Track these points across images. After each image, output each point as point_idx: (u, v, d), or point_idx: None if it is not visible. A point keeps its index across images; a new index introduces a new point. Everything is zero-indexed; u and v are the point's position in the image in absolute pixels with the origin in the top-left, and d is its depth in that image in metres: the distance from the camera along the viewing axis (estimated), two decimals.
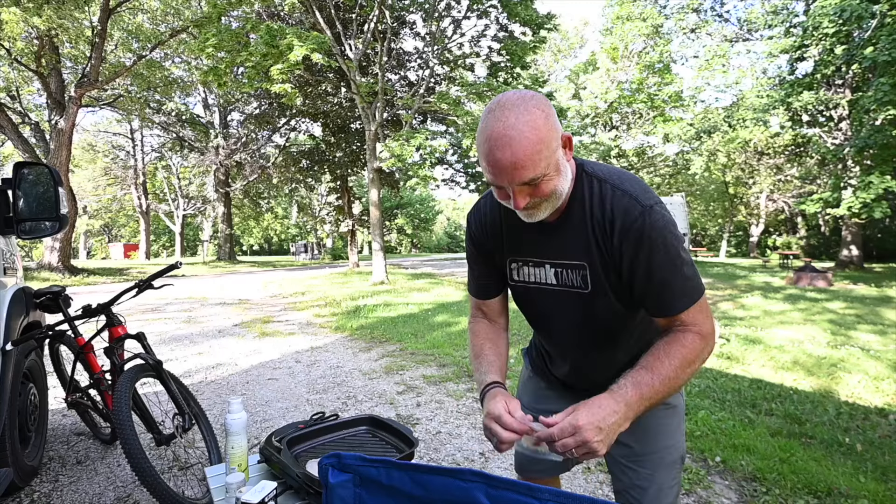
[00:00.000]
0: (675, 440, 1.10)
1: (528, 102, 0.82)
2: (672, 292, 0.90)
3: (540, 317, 1.12)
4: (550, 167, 0.84)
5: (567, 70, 32.75)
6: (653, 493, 1.08)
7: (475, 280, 1.17)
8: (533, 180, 0.83)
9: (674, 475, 1.10)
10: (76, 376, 2.55)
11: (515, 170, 0.81)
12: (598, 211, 0.92)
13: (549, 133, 0.82)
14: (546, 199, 0.88)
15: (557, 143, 0.85)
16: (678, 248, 0.89)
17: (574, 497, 0.66)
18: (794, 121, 16.22)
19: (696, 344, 0.88)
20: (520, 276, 1.07)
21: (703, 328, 0.90)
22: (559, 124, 0.86)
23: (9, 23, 11.18)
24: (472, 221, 1.13)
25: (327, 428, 1.42)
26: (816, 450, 2.62)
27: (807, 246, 26.89)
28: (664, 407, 1.08)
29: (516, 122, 0.80)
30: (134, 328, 2.33)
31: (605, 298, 0.96)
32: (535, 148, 0.80)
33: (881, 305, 8.03)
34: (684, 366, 0.87)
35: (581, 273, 0.97)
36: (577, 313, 1.01)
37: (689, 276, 0.90)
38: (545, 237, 1.00)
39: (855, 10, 11.12)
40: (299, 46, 9.41)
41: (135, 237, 40.56)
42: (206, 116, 25.51)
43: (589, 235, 0.93)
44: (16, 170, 2.14)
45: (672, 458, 1.10)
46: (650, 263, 0.89)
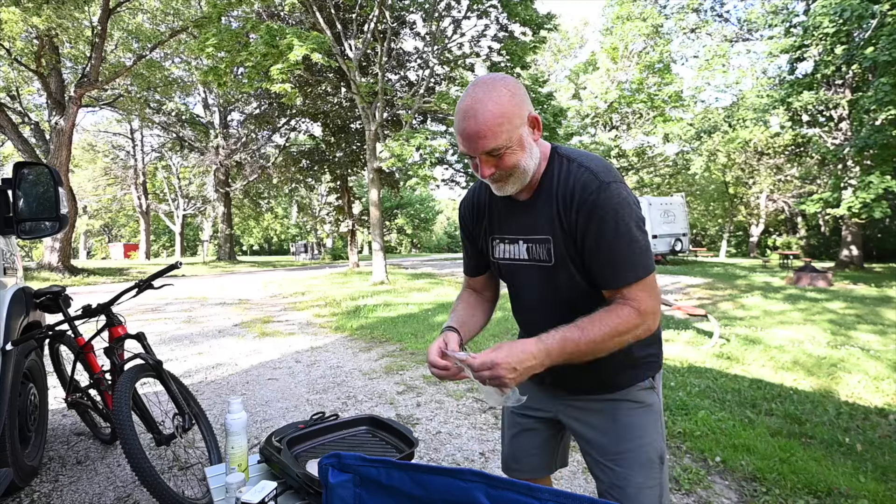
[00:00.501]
0: (650, 438, 1.10)
1: (497, 82, 0.93)
2: (617, 265, 0.95)
3: (515, 292, 1.18)
4: (513, 141, 0.93)
5: (567, 70, 32.75)
6: (631, 492, 1.07)
7: (466, 259, 1.30)
8: (495, 150, 0.93)
9: (653, 475, 1.09)
10: (76, 376, 2.55)
11: (479, 139, 0.92)
12: (563, 186, 1.00)
13: (512, 109, 0.92)
14: (510, 172, 0.97)
15: (522, 121, 0.94)
16: (630, 226, 0.94)
17: (574, 497, 0.66)
18: (794, 121, 16.21)
19: (631, 317, 0.94)
20: (499, 252, 1.15)
21: (641, 305, 0.95)
22: (527, 105, 0.96)
23: (8, 22, 11.19)
24: (463, 205, 1.24)
25: (327, 428, 1.42)
26: (816, 450, 2.62)
27: (807, 246, 26.89)
28: (637, 405, 1.11)
29: (482, 98, 0.91)
30: (134, 328, 2.33)
31: (566, 271, 1.03)
32: (497, 120, 0.91)
33: (881, 305, 8.03)
34: (613, 335, 0.93)
35: (546, 247, 1.04)
36: (544, 287, 1.08)
37: (636, 254, 0.95)
38: (520, 215, 1.08)
39: (855, 9, 11.11)
40: (299, 46, 9.40)
41: (135, 237, 40.56)
42: (206, 116, 25.51)
43: (553, 210, 1.01)
44: (16, 170, 2.14)
45: (647, 456, 1.09)
46: (599, 235, 0.95)
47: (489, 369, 0.90)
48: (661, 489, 1.11)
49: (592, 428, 1.14)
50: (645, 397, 1.12)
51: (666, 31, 22.83)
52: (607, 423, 1.11)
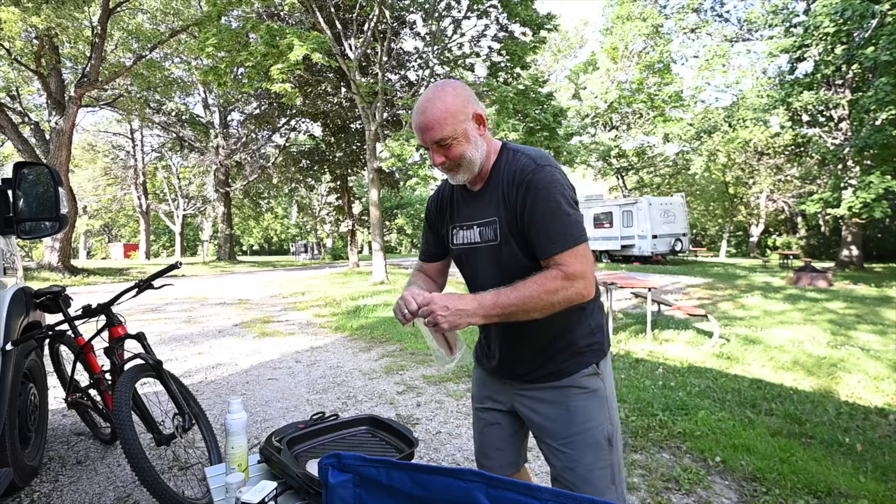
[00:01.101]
0: (597, 422, 1.17)
1: (445, 85, 1.12)
2: (549, 236, 1.07)
3: (471, 276, 1.28)
4: (458, 133, 1.10)
5: (567, 70, 32.75)
6: (582, 473, 1.15)
7: (425, 247, 1.41)
8: (441, 140, 1.10)
9: (602, 456, 1.16)
10: (76, 376, 2.55)
11: (427, 130, 1.10)
12: (509, 171, 1.15)
13: (455, 106, 1.09)
14: (458, 162, 1.13)
15: (466, 117, 1.11)
16: (560, 202, 1.07)
17: (574, 497, 0.66)
18: (794, 121, 16.19)
19: (557, 278, 1.04)
20: (457, 239, 1.28)
21: (569, 268, 1.05)
22: (472, 104, 1.13)
23: (8, 22, 11.19)
24: (430, 199, 1.39)
25: (327, 428, 1.42)
26: (816, 450, 2.62)
27: (807, 246, 26.88)
28: (583, 391, 1.19)
29: (431, 97, 1.10)
30: (134, 328, 2.33)
31: (509, 247, 1.15)
32: (442, 115, 1.08)
33: (881, 305, 8.02)
34: (542, 292, 1.03)
35: (493, 227, 1.17)
36: (492, 266, 1.20)
37: (567, 226, 1.07)
38: (473, 203, 1.23)
39: (856, 9, 11.09)
40: (299, 46, 9.40)
41: (135, 237, 40.56)
42: (206, 116, 25.51)
43: (499, 193, 1.15)
44: (16, 170, 2.14)
45: (595, 438, 1.16)
46: (533, 209, 1.08)
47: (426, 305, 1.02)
48: (612, 469, 1.18)
49: (544, 415, 1.22)
50: (590, 383, 1.19)
51: (666, 31, 22.82)
52: (557, 410, 1.20)
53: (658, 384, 3.71)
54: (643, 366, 4.30)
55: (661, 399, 3.34)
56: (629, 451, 2.62)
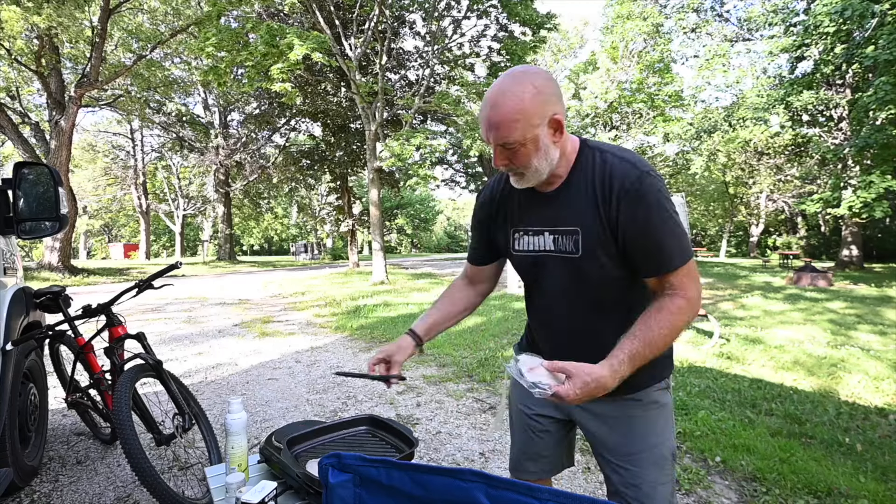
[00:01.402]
0: (664, 437, 1.12)
1: (527, 76, 0.94)
2: (664, 251, 0.97)
3: (536, 284, 1.17)
4: (527, 139, 0.95)
5: (567, 70, 32.71)
6: (646, 489, 1.09)
7: (472, 247, 1.29)
8: (507, 144, 0.95)
9: (666, 472, 1.11)
10: (76, 376, 2.55)
11: (494, 130, 0.95)
12: (600, 176, 0.99)
13: (531, 107, 0.93)
14: (521, 170, 1.00)
15: (541, 121, 0.94)
16: (671, 212, 0.96)
17: (574, 497, 0.66)
18: (794, 120, 16.20)
19: (683, 309, 0.96)
20: (521, 245, 1.14)
21: (689, 292, 0.97)
22: (552, 105, 0.95)
23: (9, 21, 11.19)
24: (481, 195, 1.24)
25: (327, 428, 1.42)
26: (816, 450, 2.62)
27: (807, 246, 26.87)
28: (654, 405, 1.12)
29: (507, 90, 0.93)
30: (134, 328, 2.33)
31: (593, 262, 1.02)
32: (514, 116, 0.92)
33: (881, 305, 8.02)
34: (673, 333, 0.95)
35: (574, 238, 1.03)
36: (567, 278, 1.07)
37: (680, 238, 0.97)
38: (544, 207, 1.08)
39: (856, 9, 11.09)
40: (299, 46, 9.40)
41: (135, 237, 40.56)
42: (206, 116, 25.50)
43: (588, 201, 1.01)
44: (16, 170, 2.14)
45: (661, 454, 1.11)
46: (647, 222, 0.96)
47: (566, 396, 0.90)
48: (672, 484, 1.14)
49: (608, 428, 1.14)
50: (660, 397, 1.13)
51: (666, 31, 22.82)
52: (623, 424, 1.12)
53: None
54: None
55: None
56: None
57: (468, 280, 1.34)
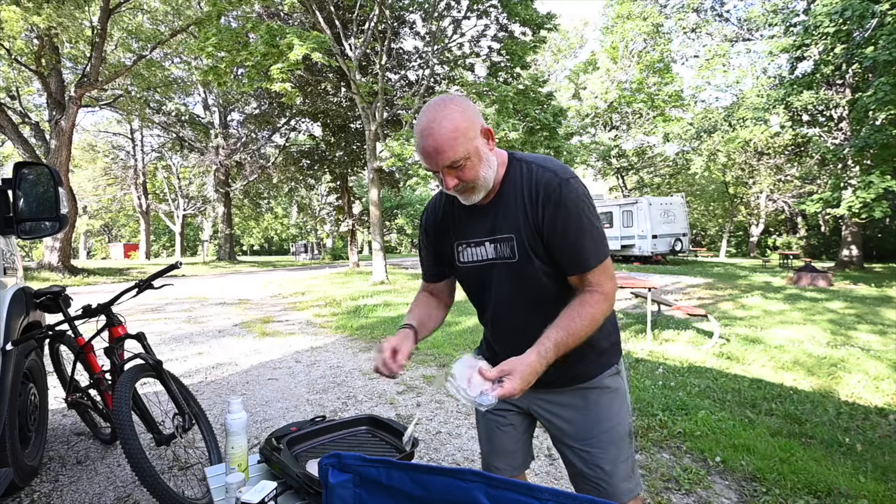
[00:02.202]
0: (620, 419, 1.20)
1: (447, 101, 1.03)
2: (582, 251, 1.06)
3: (481, 292, 1.24)
4: (470, 152, 1.02)
5: (567, 70, 32.73)
6: (608, 468, 1.17)
7: (426, 265, 1.35)
8: (454, 163, 1.02)
9: (624, 450, 1.19)
10: (76, 376, 2.55)
11: (438, 154, 1.01)
12: (527, 187, 1.09)
13: (464, 124, 1.01)
14: (472, 183, 1.06)
15: (475, 133, 1.03)
16: (589, 216, 1.06)
17: (574, 497, 0.66)
18: (794, 120, 16.20)
19: (601, 304, 1.06)
20: (464, 257, 1.22)
21: (605, 288, 1.07)
22: (478, 119, 1.05)
23: (8, 21, 11.18)
24: (426, 214, 1.32)
25: (327, 428, 1.42)
26: (816, 450, 2.62)
27: (807, 246, 26.88)
28: (606, 390, 1.20)
29: (436, 116, 1.01)
30: (134, 328, 2.33)
31: (529, 265, 1.10)
32: (451, 135, 0.99)
33: (881, 305, 8.02)
34: (591, 324, 1.04)
35: (510, 244, 1.11)
36: (510, 283, 1.15)
37: (597, 240, 1.07)
38: (482, 218, 1.16)
39: (856, 9, 11.08)
40: (299, 46, 9.40)
41: (135, 237, 40.56)
42: (206, 116, 25.50)
43: (518, 209, 1.09)
44: (16, 170, 2.14)
45: (619, 434, 1.19)
46: (565, 225, 1.05)
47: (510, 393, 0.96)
48: (632, 459, 1.22)
49: (565, 418, 1.22)
50: (612, 382, 1.21)
51: (666, 31, 22.82)
52: (581, 411, 1.20)
53: (658, 384, 3.71)
54: (643, 366, 4.30)
55: (661, 399, 3.34)
56: None
57: (429, 293, 1.38)
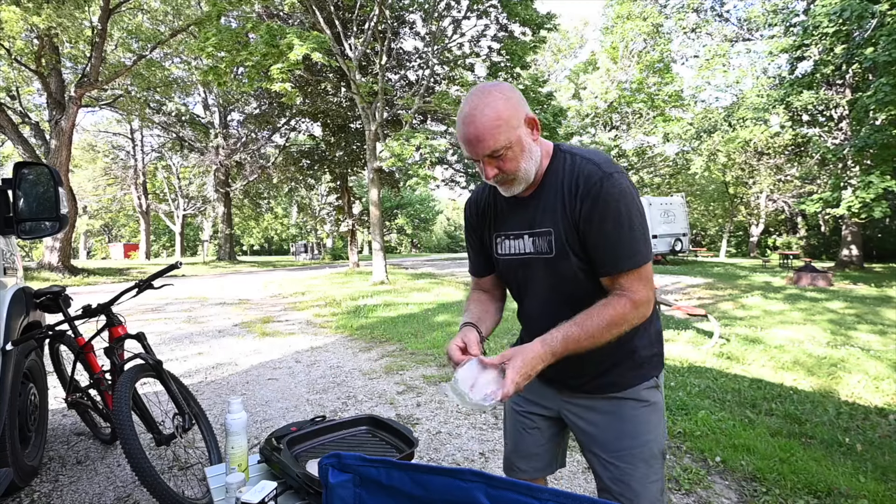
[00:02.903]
0: (654, 435, 1.13)
1: (492, 88, 1.00)
2: (617, 252, 1.00)
3: (518, 286, 1.21)
4: (512, 142, 0.99)
5: (567, 70, 32.71)
6: (636, 487, 1.11)
7: (473, 259, 1.31)
8: (495, 152, 0.99)
9: (655, 469, 1.13)
10: (76, 376, 2.55)
11: (479, 142, 0.98)
12: (568, 179, 1.04)
13: (508, 112, 0.98)
14: (512, 174, 1.03)
15: (518, 122, 1.00)
16: (631, 216, 0.99)
17: (574, 497, 0.66)
18: (794, 120, 16.20)
19: (626, 309, 0.99)
20: (503, 249, 1.18)
21: (636, 295, 1.00)
22: (523, 108, 1.01)
23: (8, 21, 11.18)
24: (468, 207, 1.29)
25: (327, 428, 1.42)
26: (816, 450, 2.62)
27: (807, 246, 26.88)
28: (643, 404, 1.13)
29: (479, 104, 0.97)
30: (134, 328, 2.33)
31: (566, 261, 1.06)
32: (495, 124, 0.97)
33: (881, 305, 8.02)
34: (610, 326, 0.98)
35: (548, 239, 1.08)
36: (544, 279, 1.12)
37: (636, 241, 1.00)
38: (522, 211, 1.12)
39: (855, 9, 11.09)
40: (299, 46, 9.40)
41: (135, 237, 40.56)
42: (206, 116, 25.50)
43: (557, 202, 1.05)
44: (16, 170, 2.14)
45: (651, 451, 1.12)
46: (602, 221, 0.99)
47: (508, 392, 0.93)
48: (662, 482, 1.15)
49: (597, 425, 1.16)
50: (650, 396, 1.14)
51: (666, 31, 22.82)
52: (612, 421, 1.14)
53: None
54: None
55: None
56: None
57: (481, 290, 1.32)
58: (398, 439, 1.35)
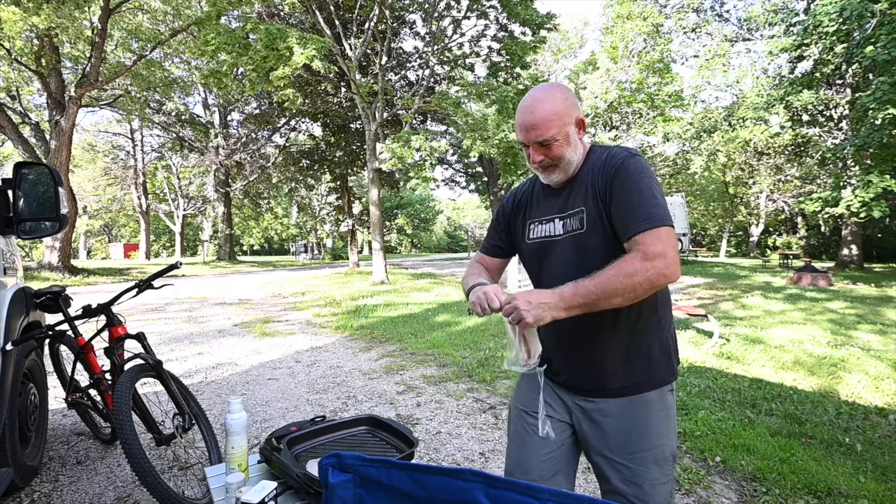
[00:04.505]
0: (666, 438, 1.15)
1: (555, 87, 1.17)
2: (633, 215, 1.05)
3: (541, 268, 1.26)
4: (561, 135, 1.13)
5: (567, 70, 32.70)
6: (647, 488, 1.12)
7: (489, 241, 1.42)
8: (545, 141, 1.12)
9: (666, 472, 1.14)
10: (76, 376, 2.55)
11: (533, 129, 1.12)
12: (599, 164, 1.16)
13: (564, 109, 1.13)
14: (556, 162, 1.16)
15: (571, 120, 1.14)
16: (651, 186, 1.07)
17: (574, 497, 0.66)
18: (794, 120, 16.21)
19: (636, 261, 1.00)
20: (534, 233, 1.27)
21: (648, 249, 1.00)
22: (577, 109, 1.17)
23: (8, 22, 11.18)
24: (508, 197, 1.40)
25: (327, 428, 1.42)
26: (816, 450, 2.62)
27: (807, 246, 26.88)
28: (656, 407, 1.15)
29: (541, 97, 1.13)
30: (134, 328, 2.33)
31: (597, 235, 1.13)
32: (550, 116, 1.11)
33: (881, 305, 8.02)
34: (622, 276, 0.99)
35: (580, 216, 1.16)
36: (577, 255, 1.16)
37: (652, 206, 1.04)
38: (555, 198, 1.23)
39: (855, 8, 11.09)
40: (300, 53, 9.35)
41: (135, 237, 40.56)
42: (206, 116, 25.50)
43: (589, 185, 1.15)
44: (16, 170, 2.14)
45: (663, 454, 1.14)
46: (621, 189, 1.08)
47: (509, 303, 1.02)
48: (672, 485, 1.17)
49: (611, 426, 1.16)
50: (665, 399, 1.17)
51: (666, 31, 22.82)
52: (626, 422, 1.15)
53: None
54: None
55: None
56: None
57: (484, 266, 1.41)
58: (398, 439, 1.35)
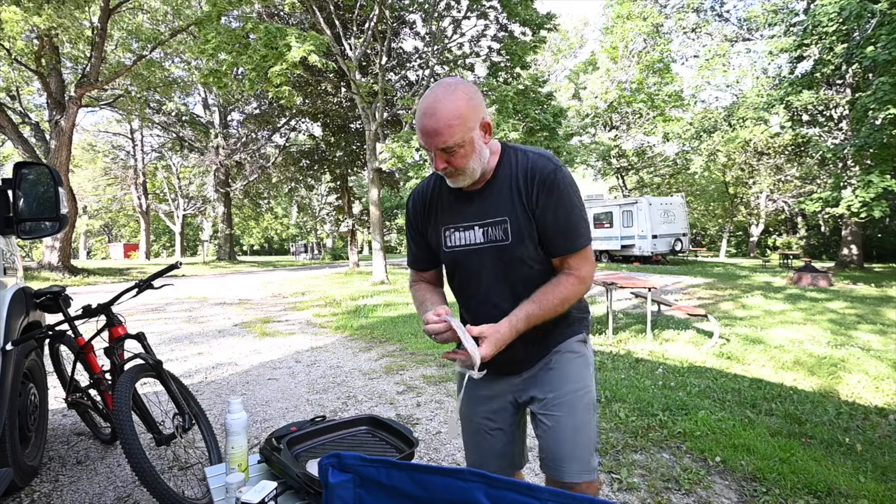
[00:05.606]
0: (586, 383, 1.24)
1: (458, 86, 1.05)
2: (570, 234, 1.13)
3: (465, 277, 1.25)
4: (465, 141, 1.05)
5: (567, 70, 32.72)
6: (569, 431, 1.19)
7: (415, 253, 1.37)
8: (448, 148, 1.05)
9: (588, 417, 1.22)
10: (76, 376, 2.55)
11: (435, 136, 1.04)
12: (523, 170, 1.14)
13: (467, 112, 1.04)
14: (460, 170, 1.10)
15: (475, 124, 1.06)
16: (579, 203, 1.14)
17: (574, 497, 0.66)
18: (794, 120, 16.20)
19: (574, 285, 1.14)
20: (452, 241, 1.23)
21: (581, 272, 1.14)
22: (482, 111, 1.09)
23: (9, 22, 11.18)
24: (411, 200, 1.33)
25: (327, 428, 1.42)
26: (816, 450, 2.62)
27: (807, 246, 26.87)
28: (574, 355, 1.24)
29: (442, 98, 1.03)
30: (134, 328, 2.33)
31: (521, 247, 1.14)
32: (451, 121, 1.02)
33: (882, 305, 8.02)
34: (563, 302, 1.14)
35: (503, 227, 1.15)
36: (495, 267, 1.18)
37: (582, 226, 1.14)
38: (473, 203, 1.19)
39: (855, 8, 11.09)
40: (297, 48, 9.38)
41: (135, 237, 40.57)
42: (206, 116, 25.51)
43: (513, 193, 1.14)
44: (16, 170, 2.14)
45: (589, 398, 1.23)
46: (557, 208, 1.11)
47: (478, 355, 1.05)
48: (595, 436, 1.24)
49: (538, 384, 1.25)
50: (580, 349, 1.26)
51: (666, 31, 22.82)
52: (552, 373, 1.24)
53: (658, 384, 3.71)
54: (643, 366, 4.29)
55: (661, 399, 3.34)
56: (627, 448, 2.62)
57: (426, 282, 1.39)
58: (398, 439, 1.35)
